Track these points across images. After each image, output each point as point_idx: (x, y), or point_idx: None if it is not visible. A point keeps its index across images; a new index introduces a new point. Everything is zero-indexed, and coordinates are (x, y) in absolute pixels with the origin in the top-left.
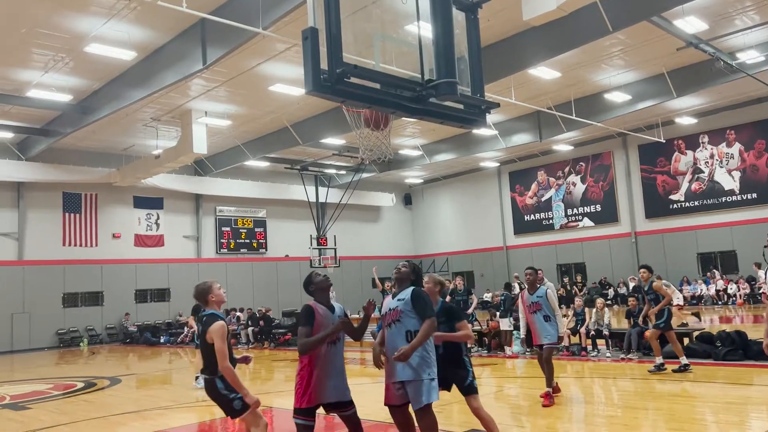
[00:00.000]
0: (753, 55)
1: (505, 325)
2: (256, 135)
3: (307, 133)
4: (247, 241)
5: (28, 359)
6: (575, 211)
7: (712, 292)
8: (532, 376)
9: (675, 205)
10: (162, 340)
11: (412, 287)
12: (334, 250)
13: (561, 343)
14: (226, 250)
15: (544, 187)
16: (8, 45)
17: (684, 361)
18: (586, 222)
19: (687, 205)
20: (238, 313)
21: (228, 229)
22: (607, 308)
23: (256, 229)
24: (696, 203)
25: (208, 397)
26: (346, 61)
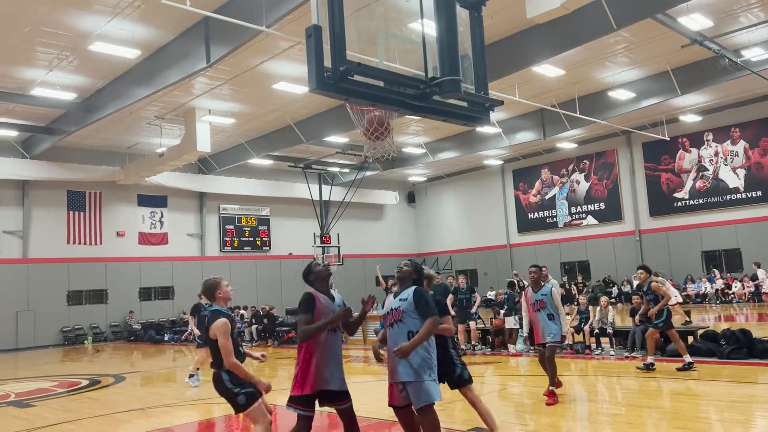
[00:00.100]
0: (758, 53)
1: (510, 323)
2: (259, 133)
3: (311, 131)
4: (251, 239)
5: (32, 357)
6: (579, 209)
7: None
8: (536, 375)
9: (679, 203)
10: (166, 338)
11: (414, 287)
12: (338, 248)
13: (564, 342)
14: (229, 248)
15: (547, 185)
16: (12, 43)
17: (688, 360)
18: (590, 220)
19: (691, 203)
20: (241, 311)
21: (232, 227)
22: (611, 306)
23: (260, 227)
24: (700, 201)
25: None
26: (350, 58)
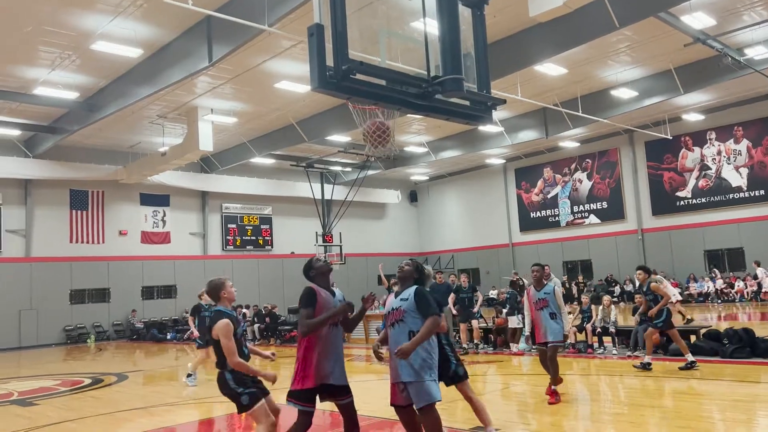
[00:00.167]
0: (761, 51)
1: (513, 322)
2: (261, 132)
3: (313, 131)
4: (253, 238)
5: (35, 355)
6: (581, 208)
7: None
8: (538, 374)
9: (682, 202)
10: (168, 337)
11: (415, 286)
12: (340, 247)
13: (566, 341)
14: (232, 247)
15: (550, 184)
16: (15, 43)
17: (690, 359)
18: (593, 219)
19: (694, 202)
20: (244, 310)
21: (234, 226)
22: (613, 305)
23: (262, 226)
24: (703, 200)
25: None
26: (352, 57)
